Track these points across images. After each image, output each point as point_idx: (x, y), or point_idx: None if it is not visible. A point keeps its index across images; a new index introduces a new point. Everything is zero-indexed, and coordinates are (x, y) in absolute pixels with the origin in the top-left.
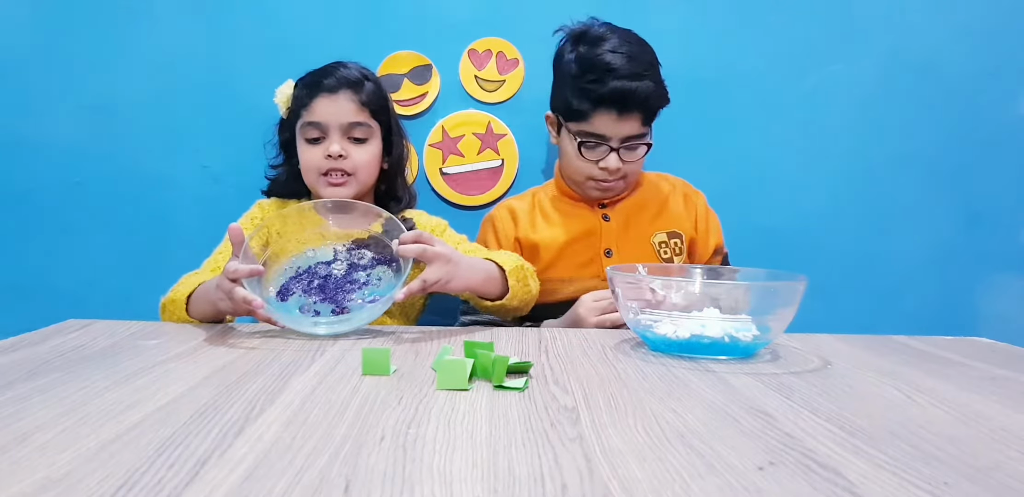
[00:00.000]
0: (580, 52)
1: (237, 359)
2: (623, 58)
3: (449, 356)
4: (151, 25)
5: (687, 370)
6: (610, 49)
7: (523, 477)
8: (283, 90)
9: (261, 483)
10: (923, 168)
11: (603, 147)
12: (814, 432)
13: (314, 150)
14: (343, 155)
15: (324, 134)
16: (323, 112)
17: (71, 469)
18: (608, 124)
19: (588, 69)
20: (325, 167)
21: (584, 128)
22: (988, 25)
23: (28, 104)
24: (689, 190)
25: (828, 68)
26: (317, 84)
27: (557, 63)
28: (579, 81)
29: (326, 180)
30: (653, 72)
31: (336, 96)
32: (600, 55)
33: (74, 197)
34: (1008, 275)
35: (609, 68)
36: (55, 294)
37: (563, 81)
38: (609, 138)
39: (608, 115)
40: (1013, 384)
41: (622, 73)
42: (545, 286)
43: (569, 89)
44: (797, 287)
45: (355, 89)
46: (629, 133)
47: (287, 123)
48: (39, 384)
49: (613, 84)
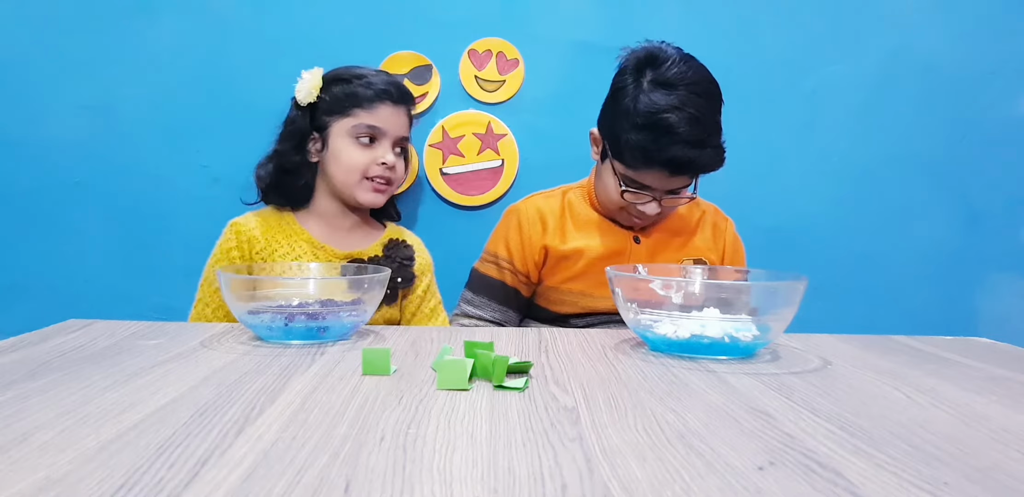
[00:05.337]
0: (643, 95)
1: (237, 359)
2: (689, 121)
3: (449, 356)
4: (151, 25)
5: (687, 370)
6: (676, 106)
7: (523, 477)
8: (313, 77)
9: (261, 483)
10: (923, 168)
11: (646, 196)
12: (814, 432)
13: (364, 152)
14: (394, 166)
15: (377, 139)
16: (387, 120)
17: (71, 469)
18: (657, 180)
19: (648, 125)
20: (373, 172)
21: (630, 175)
22: (988, 25)
23: (28, 104)
24: (719, 218)
25: (828, 68)
26: (384, 90)
27: (617, 91)
28: (636, 132)
29: (371, 184)
30: (716, 137)
31: (400, 108)
32: (664, 112)
33: (74, 197)
34: (1008, 275)
35: (671, 131)
36: (55, 294)
37: (620, 117)
38: (654, 190)
39: (659, 174)
40: (1013, 384)
41: (684, 139)
42: (564, 297)
43: (624, 134)
44: (797, 287)
45: (410, 105)
46: (675, 186)
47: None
48: (39, 384)
49: (672, 151)
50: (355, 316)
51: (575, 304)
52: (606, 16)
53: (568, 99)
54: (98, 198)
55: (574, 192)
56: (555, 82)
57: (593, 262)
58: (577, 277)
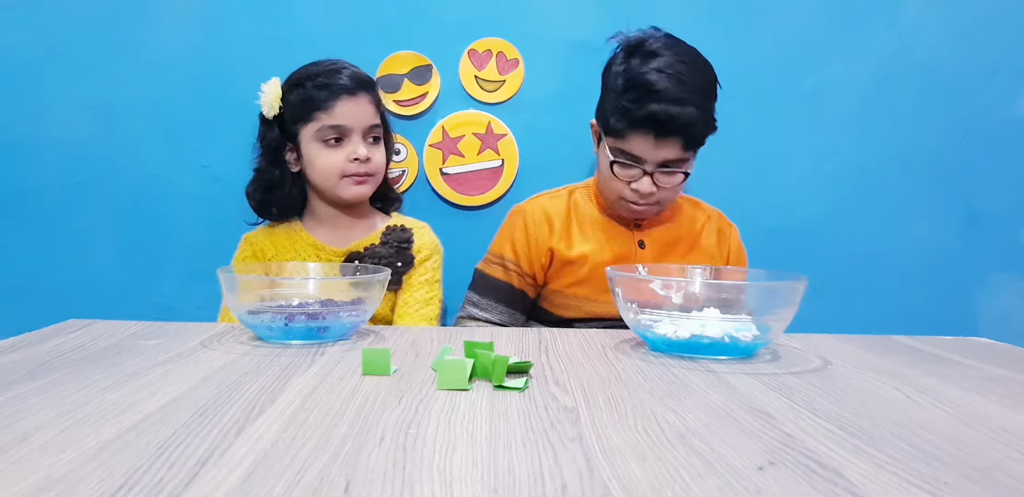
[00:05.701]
0: (629, 65)
1: (237, 359)
2: (670, 80)
3: (449, 356)
4: (151, 25)
5: (687, 370)
6: (658, 68)
7: (523, 477)
8: (272, 89)
9: (261, 483)
10: (923, 168)
11: (637, 169)
12: (814, 432)
13: (335, 153)
14: (369, 158)
15: (344, 136)
16: (347, 115)
17: (71, 469)
18: (644, 146)
19: (630, 86)
20: (349, 170)
21: (620, 146)
22: (988, 25)
23: (28, 104)
24: (723, 224)
25: (828, 68)
26: (336, 85)
27: (606, 72)
28: (620, 97)
29: (351, 180)
30: (702, 98)
31: (358, 98)
32: (646, 73)
33: (74, 197)
34: (1008, 275)
35: (652, 89)
36: (55, 294)
37: (607, 93)
38: (644, 161)
39: (645, 137)
40: (1013, 384)
41: (665, 96)
42: (568, 301)
43: (611, 103)
44: (797, 287)
45: (370, 91)
46: (666, 158)
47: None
48: (39, 384)
49: (652, 107)
50: (355, 316)
51: (579, 309)
52: (606, 16)
53: (568, 99)
54: (98, 198)
55: (580, 192)
56: (555, 82)
57: (598, 266)
58: (582, 282)
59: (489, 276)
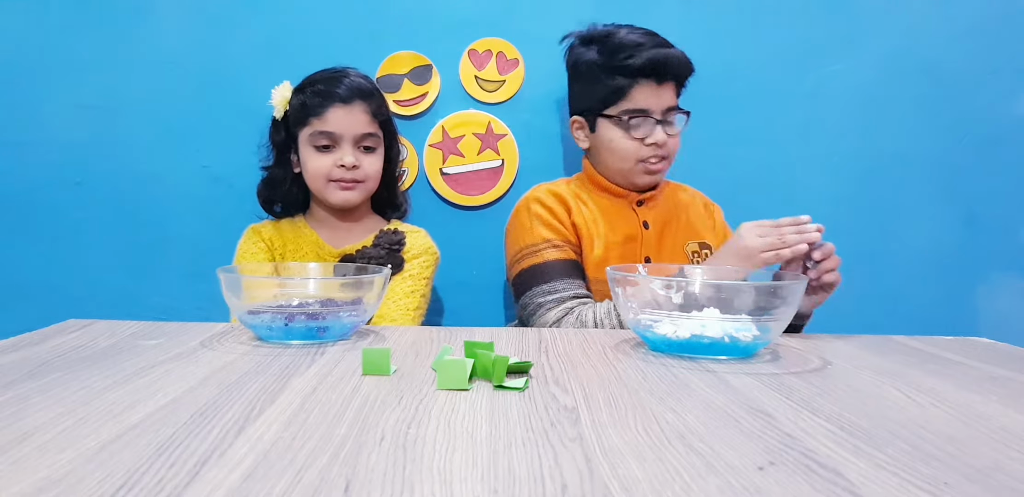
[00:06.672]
0: (600, 44)
1: (237, 359)
2: (646, 33)
3: (449, 356)
4: (151, 25)
5: (687, 370)
6: (628, 30)
7: (523, 477)
8: (281, 92)
9: (261, 483)
10: (923, 168)
11: (649, 122)
12: (814, 432)
13: (324, 158)
14: (356, 165)
15: (335, 143)
16: (337, 122)
17: (71, 469)
18: (649, 96)
19: (617, 50)
20: (336, 175)
21: (626, 106)
22: (988, 25)
23: (28, 104)
24: (707, 201)
25: (828, 68)
26: (330, 93)
27: (574, 64)
28: (612, 61)
29: (337, 185)
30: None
31: (351, 107)
32: (622, 37)
33: (74, 197)
34: (1008, 275)
35: (637, 43)
36: (55, 294)
37: (588, 76)
38: (652, 111)
39: (648, 86)
40: (1013, 384)
41: (651, 44)
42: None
43: (600, 76)
44: (797, 287)
45: (367, 100)
46: (668, 104)
47: (282, 124)
48: (39, 384)
49: (647, 54)
50: (355, 316)
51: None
52: (606, 16)
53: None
54: (98, 198)
55: (574, 182)
56: (555, 82)
57: (611, 247)
58: (599, 264)
59: (549, 262)
